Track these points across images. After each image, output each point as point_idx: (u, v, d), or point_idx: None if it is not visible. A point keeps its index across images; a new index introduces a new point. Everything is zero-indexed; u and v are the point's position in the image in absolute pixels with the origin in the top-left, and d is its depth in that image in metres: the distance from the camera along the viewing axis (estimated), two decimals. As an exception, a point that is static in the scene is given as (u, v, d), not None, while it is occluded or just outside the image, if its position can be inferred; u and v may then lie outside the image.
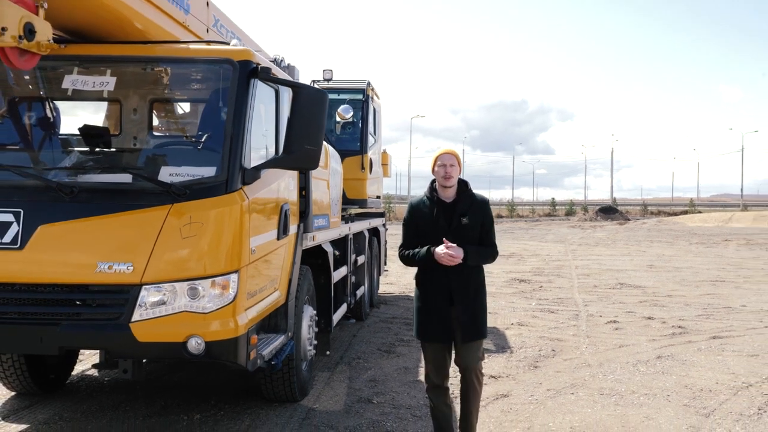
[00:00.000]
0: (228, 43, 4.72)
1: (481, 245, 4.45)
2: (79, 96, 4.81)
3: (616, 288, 13.75)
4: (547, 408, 5.75)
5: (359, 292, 9.14)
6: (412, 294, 12.85)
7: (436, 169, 4.47)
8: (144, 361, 4.43)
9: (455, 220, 4.39)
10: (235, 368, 4.32)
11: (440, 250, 4.26)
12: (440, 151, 4.52)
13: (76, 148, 4.78)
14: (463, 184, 4.54)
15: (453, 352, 4.49)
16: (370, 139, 10.13)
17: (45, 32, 3.79)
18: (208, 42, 4.73)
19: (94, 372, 6.77)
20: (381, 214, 11.75)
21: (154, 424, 5.21)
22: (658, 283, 14.57)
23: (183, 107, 4.70)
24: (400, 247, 4.58)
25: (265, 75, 4.42)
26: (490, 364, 7.07)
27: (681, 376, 6.80)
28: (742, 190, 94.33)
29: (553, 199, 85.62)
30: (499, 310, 10.78)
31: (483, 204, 4.52)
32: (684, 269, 17.82)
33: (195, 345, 4.02)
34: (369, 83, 10.12)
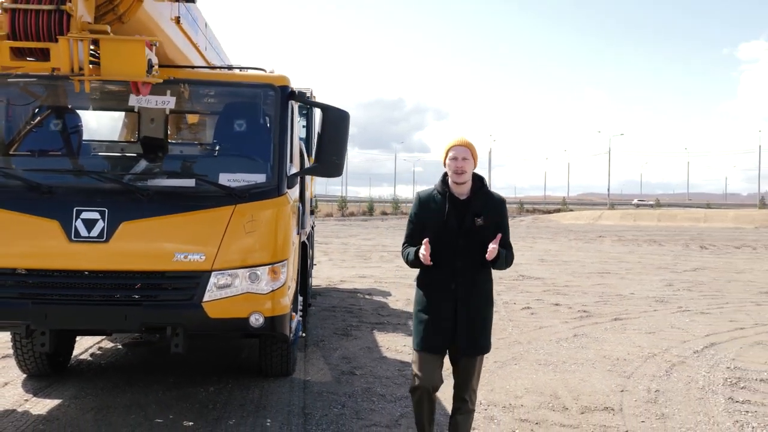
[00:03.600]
0: (264, 70, 5.56)
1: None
2: (160, 110, 5.53)
3: (518, 279, 15.19)
4: (499, 375, 6.88)
5: (309, 282, 10.04)
6: (339, 286, 13.85)
7: (447, 161, 4.09)
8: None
9: (468, 220, 4.04)
10: (281, 339, 5.22)
11: (422, 250, 3.98)
12: (452, 142, 4.13)
13: (142, 157, 5.50)
14: (478, 180, 4.17)
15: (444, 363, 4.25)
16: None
17: (156, 65, 4.53)
18: (248, 68, 5.54)
19: (87, 356, 7.39)
20: (312, 212, 12.66)
21: (177, 396, 5.95)
22: (554, 275, 16.17)
23: (232, 123, 5.48)
24: (403, 245, 4.29)
25: (301, 98, 5.32)
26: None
27: (597, 349, 8.12)
28: (609, 190, 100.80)
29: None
30: (424, 300, 11.93)
31: (499, 203, 4.17)
32: (572, 263, 19.64)
33: (255, 320, 4.89)
34: (311, 91, 10.99)
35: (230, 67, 5.67)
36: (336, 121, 5.23)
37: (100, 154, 5.87)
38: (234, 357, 7.49)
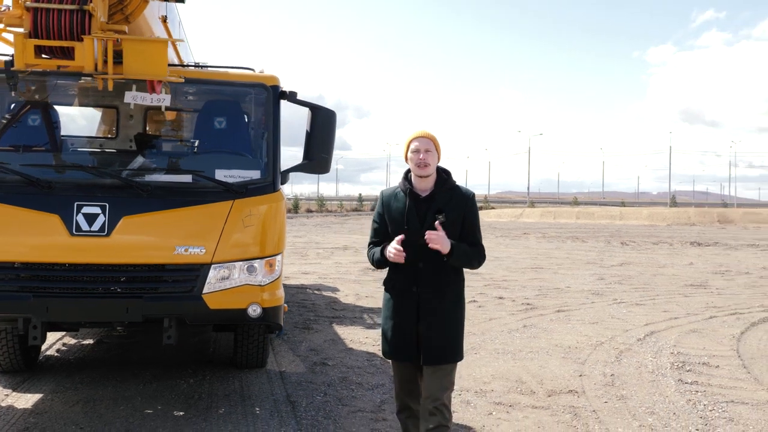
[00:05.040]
0: (253, 69, 5.72)
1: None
2: (139, 107, 5.61)
3: (458, 275, 15.65)
4: (464, 364, 7.12)
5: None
6: (285, 282, 13.95)
7: (409, 155, 3.84)
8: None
9: (430, 218, 3.77)
10: (275, 328, 5.42)
11: (391, 246, 3.74)
12: (414, 134, 3.87)
13: (139, 153, 5.58)
14: (443, 174, 3.91)
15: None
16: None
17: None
18: (238, 68, 5.68)
19: (53, 352, 7.37)
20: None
21: (159, 388, 6.06)
22: (490, 271, 16.69)
23: (226, 121, 5.62)
24: (368, 246, 4.07)
25: (292, 97, 5.51)
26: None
27: (548, 338, 8.58)
28: (528, 188, 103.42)
29: (360, 194, 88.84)
30: (373, 294, 12.24)
31: (466, 198, 3.88)
32: (504, 259, 20.26)
33: (252, 311, 5.08)
34: None
35: (218, 67, 5.79)
36: (324, 120, 5.44)
37: (96, 150, 5.93)
38: (203, 351, 7.60)
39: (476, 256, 3.88)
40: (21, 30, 4.16)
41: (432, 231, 3.68)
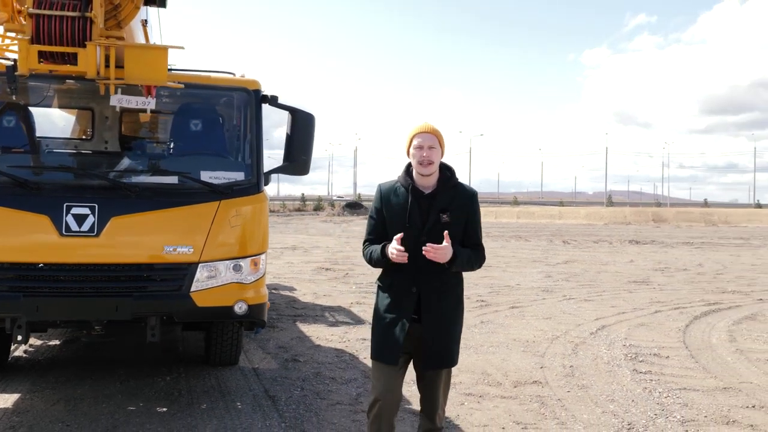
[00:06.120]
0: (234, 73, 5.87)
1: (465, 246, 3.72)
2: (126, 109, 5.70)
3: (410, 273, 15.93)
4: (429, 358, 7.50)
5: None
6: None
7: (411, 151, 3.70)
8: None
9: (433, 216, 3.65)
10: (259, 324, 5.59)
11: (392, 247, 3.57)
12: (417, 129, 3.72)
13: (125, 155, 5.67)
14: (446, 171, 3.79)
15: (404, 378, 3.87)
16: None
17: None
18: (219, 72, 5.82)
19: (21, 353, 7.37)
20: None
21: (138, 386, 6.15)
22: (441, 269, 17.05)
23: (210, 124, 5.74)
24: (364, 243, 3.88)
25: (273, 101, 5.68)
26: (361, 332, 8.68)
27: (506, 334, 8.93)
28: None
29: (303, 194, 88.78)
30: (329, 293, 12.44)
31: (470, 197, 3.76)
32: (452, 257, 20.64)
33: (239, 308, 5.25)
34: None
35: (198, 71, 5.93)
36: (303, 123, 5.64)
37: (83, 151, 6.00)
38: (173, 349, 7.69)
39: (477, 260, 3.80)
40: (23, 36, 4.25)
41: (431, 244, 3.53)
